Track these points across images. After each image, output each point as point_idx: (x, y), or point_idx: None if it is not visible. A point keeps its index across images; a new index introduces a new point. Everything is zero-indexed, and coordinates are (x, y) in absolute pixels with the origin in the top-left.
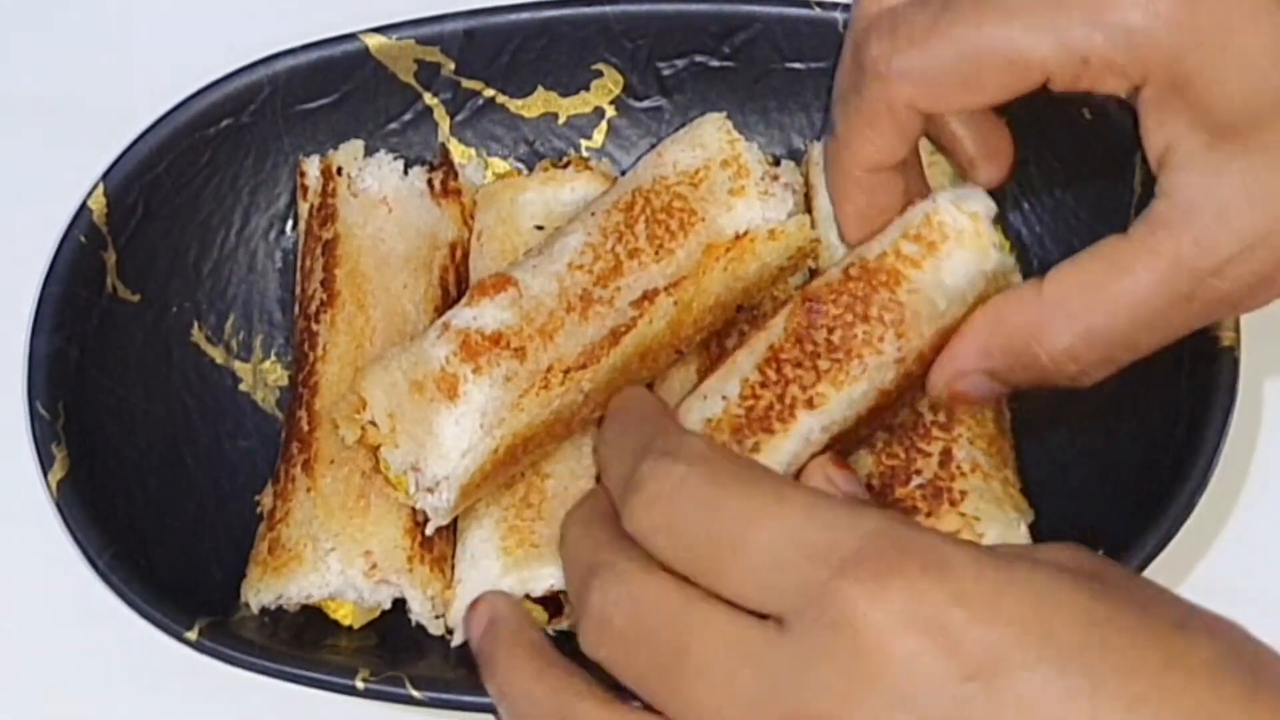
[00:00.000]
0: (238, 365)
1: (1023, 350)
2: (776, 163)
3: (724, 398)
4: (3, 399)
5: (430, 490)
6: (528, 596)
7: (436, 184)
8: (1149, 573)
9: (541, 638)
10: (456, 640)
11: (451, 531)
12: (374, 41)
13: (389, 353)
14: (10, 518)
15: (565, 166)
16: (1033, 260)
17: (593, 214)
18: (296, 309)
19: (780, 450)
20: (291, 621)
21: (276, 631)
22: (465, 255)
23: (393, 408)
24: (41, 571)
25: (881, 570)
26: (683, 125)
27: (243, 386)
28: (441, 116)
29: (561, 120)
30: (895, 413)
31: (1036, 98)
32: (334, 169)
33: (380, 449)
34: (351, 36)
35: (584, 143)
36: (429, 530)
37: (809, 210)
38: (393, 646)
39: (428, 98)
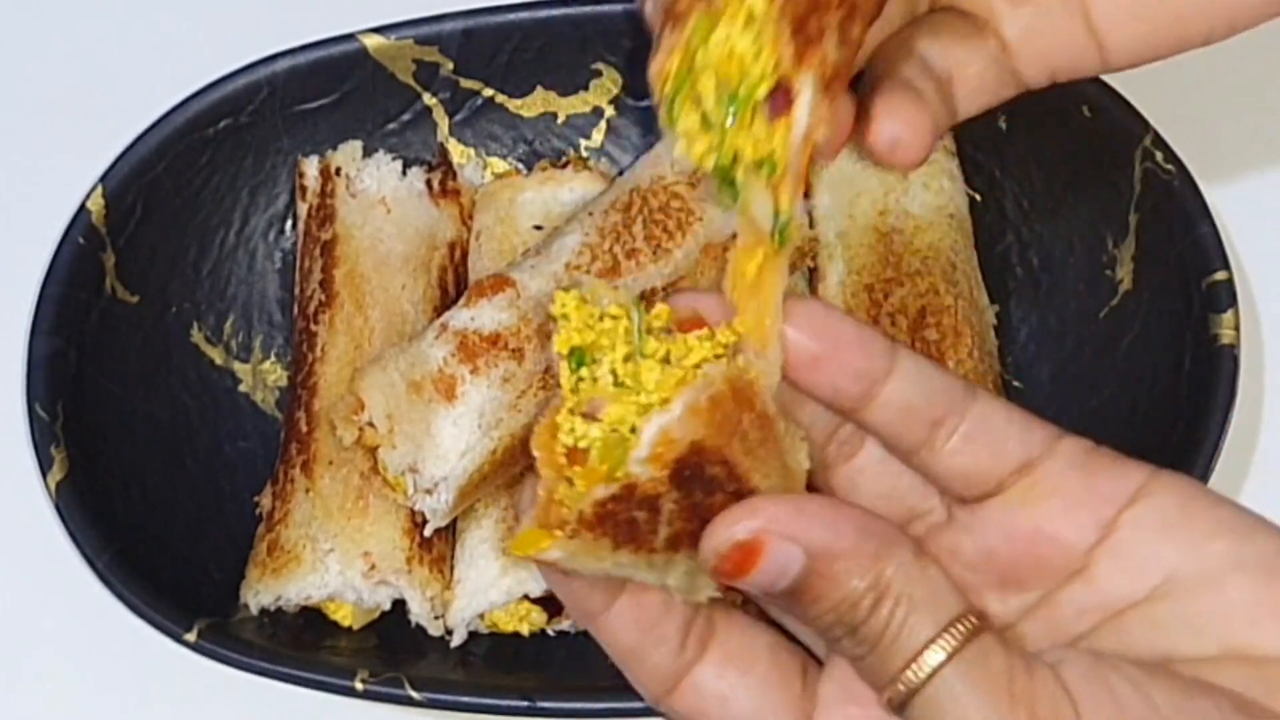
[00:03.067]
0: (237, 366)
1: None
2: None
3: None
4: (2, 400)
5: (429, 491)
6: (526, 597)
7: (435, 184)
8: None
9: None
10: (456, 641)
11: (450, 532)
12: (372, 42)
13: (386, 353)
14: (9, 519)
15: (564, 166)
16: (1032, 259)
17: (590, 214)
18: (295, 309)
19: None
20: (291, 623)
21: (276, 633)
22: (464, 255)
23: (391, 409)
24: (41, 573)
25: None
26: None
27: (242, 387)
28: (440, 116)
29: (560, 120)
30: None
31: (1036, 97)
32: (333, 169)
33: (378, 450)
34: (350, 37)
35: (583, 142)
36: (428, 531)
37: (807, 209)
38: (392, 647)
39: (426, 97)
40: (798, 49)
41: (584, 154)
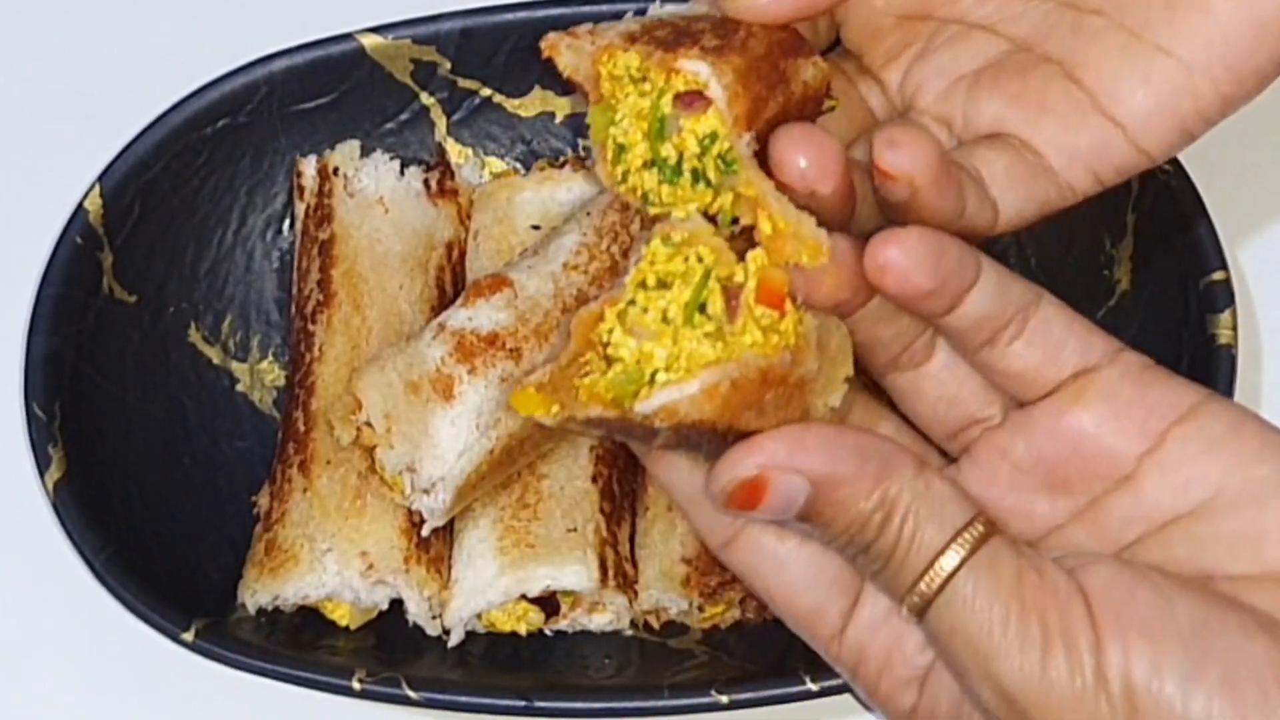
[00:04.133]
0: (235, 365)
1: None
2: None
3: None
4: (0, 400)
5: (426, 491)
6: (523, 597)
7: (433, 184)
8: None
9: None
10: (453, 640)
11: (448, 532)
12: (370, 41)
13: (384, 353)
14: (7, 519)
15: (562, 166)
16: (1030, 258)
17: (588, 214)
18: (293, 309)
19: None
20: (288, 622)
21: (273, 632)
22: (462, 255)
23: (388, 409)
24: (39, 573)
25: None
26: None
27: (240, 387)
28: (438, 116)
29: (558, 119)
30: None
31: None
32: (330, 169)
33: (376, 450)
34: (348, 36)
35: (581, 142)
36: (425, 531)
37: None
38: (390, 647)
39: (424, 97)
40: (665, 52)
41: (582, 154)
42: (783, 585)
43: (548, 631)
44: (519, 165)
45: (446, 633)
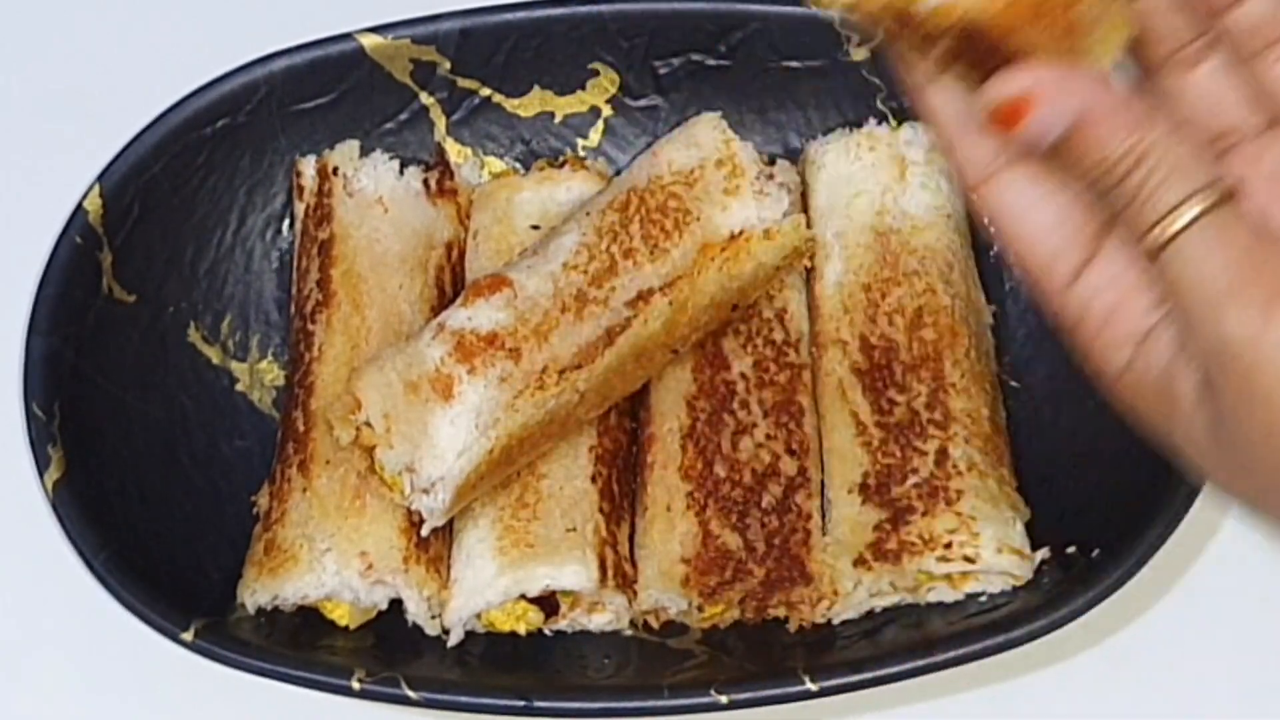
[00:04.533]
0: (234, 365)
1: None
2: (772, 162)
3: None
4: None
5: (426, 491)
6: (523, 596)
7: (432, 184)
8: (1145, 569)
9: None
10: (452, 640)
11: (447, 531)
12: (370, 41)
13: (384, 353)
14: (7, 519)
15: (561, 166)
16: None
17: (588, 214)
18: (293, 309)
19: None
20: (288, 622)
21: (273, 632)
22: (461, 255)
23: (388, 409)
24: (38, 573)
25: None
26: (679, 124)
27: (239, 386)
28: (438, 116)
29: (558, 119)
30: None
31: None
32: (330, 169)
33: (375, 449)
34: (347, 36)
35: (580, 142)
36: (425, 531)
37: (805, 209)
38: (389, 647)
39: (424, 97)
40: None
41: (581, 154)
42: (1026, 232)
43: (547, 631)
44: (518, 165)
45: (446, 632)
